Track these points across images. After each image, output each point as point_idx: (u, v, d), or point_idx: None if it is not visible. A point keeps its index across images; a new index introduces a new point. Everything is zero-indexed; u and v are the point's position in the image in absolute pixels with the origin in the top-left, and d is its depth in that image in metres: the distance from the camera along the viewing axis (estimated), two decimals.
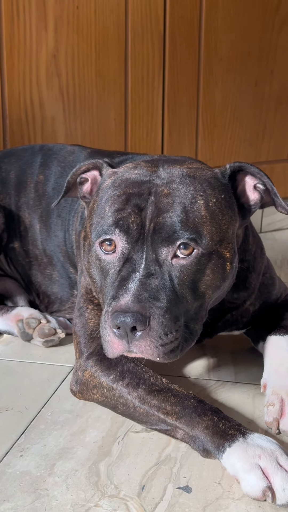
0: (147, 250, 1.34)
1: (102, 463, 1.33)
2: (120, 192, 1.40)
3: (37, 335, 1.82)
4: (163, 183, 1.39)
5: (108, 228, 1.37)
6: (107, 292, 1.36)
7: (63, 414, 1.50)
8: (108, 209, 1.39)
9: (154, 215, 1.35)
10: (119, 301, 1.29)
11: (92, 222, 1.45)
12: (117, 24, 2.51)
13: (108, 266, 1.38)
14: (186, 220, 1.34)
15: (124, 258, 1.35)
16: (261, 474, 1.19)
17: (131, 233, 1.34)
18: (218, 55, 2.77)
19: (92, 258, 1.44)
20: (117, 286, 1.32)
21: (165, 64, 2.66)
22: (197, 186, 1.40)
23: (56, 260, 1.91)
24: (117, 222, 1.36)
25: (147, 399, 1.39)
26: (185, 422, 1.33)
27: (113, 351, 1.32)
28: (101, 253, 1.39)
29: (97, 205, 1.45)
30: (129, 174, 1.44)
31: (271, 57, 2.91)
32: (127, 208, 1.36)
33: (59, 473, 1.30)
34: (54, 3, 2.39)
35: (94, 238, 1.41)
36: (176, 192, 1.37)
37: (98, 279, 1.43)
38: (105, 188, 1.46)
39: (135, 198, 1.37)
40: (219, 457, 1.27)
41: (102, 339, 1.35)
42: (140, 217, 1.35)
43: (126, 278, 1.32)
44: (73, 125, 2.53)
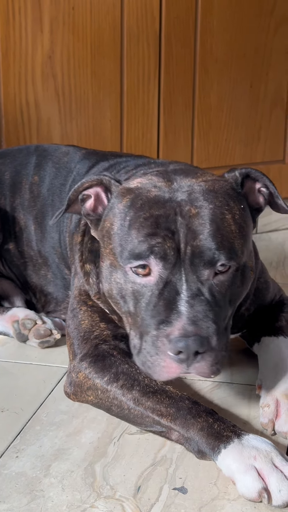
0: (186, 272, 1.33)
1: (97, 464, 1.33)
2: (146, 214, 1.36)
3: (33, 336, 1.82)
4: (186, 202, 1.37)
5: (143, 254, 1.33)
6: (144, 316, 1.34)
7: (58, 415, 1.50)
8: (136, 233, 1.35)
9: (189, 238, 1.33)
10: (174, 325, 1.28)
11: (114, 245, 1.40)
12: (112, 25, 2.52)
13: (144, 290, 1.35)
14: (221, 240, 1.34)
15: (163, 281, 1.33)
16: (257, 476, 1.19)
17: (168, 258, 1.32)
18: (213, 56, 2.78)
19: (118, 281, 1.40)
20: (163, 310, 1.30)
21: (161, 65, 2.66)
22: (221, 201, 1.39)
23: (51, 261, 1.91)
24: (151, 248, 1.33)
25: (142, 401, 1.39)
26: (180, 424, 1.33)
27: (168, 375, 1.31)
28: (135, 276, 1.36)
29: (116, 226, 1.40)
30: (148, 192, 1.40)
31: (266, 58, 2.92)
32: (159, 233, 1.33)
33: (54, 474, 1.30)
34: (49, 4, 2.39)
35: (123, 262, 1.37)
36: (204, 211, 1.36)
37: (127, 302, 1.39)
38: (124, 208, 1.41)
39: (163, 220, 1.34)
40: (214, 459, 1.27)
41: (148, 364, 1.32)
42: (174, 241, 1.33)
43: (172, 301, 1.31)
44: (68, 126, 2.53)
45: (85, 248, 1.62)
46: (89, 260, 1.60)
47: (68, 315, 1.64)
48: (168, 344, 1.27)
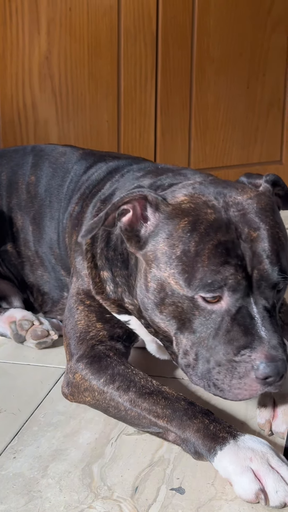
0: (255, 296, 1.34)
1: (95, 464, 1.33)
2: (215, 241, 1.33)
3: (30, 337, 1.82)
4: (244, 224, 1.36)
5: (216, 284, 1.32)
6: (215, 341, 1.34)
7: (56, 416, 1.50)
8: (207, 262, 1.32)
9: (255, 263, 1.34)
10: (258, 351, 1.29)
11: (176, 270, 1.36)
12: (109, 26, 2.52)
13: (213, 316, 1.34)
14: (281, 261, 1.37)
15: (235, 308, 1.33)
16: (253, 477, 1.19)
17: (241, 287, 1.33)
18: (210, 56, 2.78)
19: (180, 305, 1.37)
20: (241, 335, 1.31)
21: (158, 66, 2.67)
22: (272, 219, 1.40)
23: (47, 262, 1.91)
24: (226, 278, 1.32)
25: (138, 402, 1.39)
26: (176, 425, 1.33)
27: (248, 397, 1.32)
28: (205, 304, 1.35)
29: (179, 251, 1.36)
30: (206, 215, 1.37)
31: (263, 59, 2.92)
32: (231, 261, 1.32)
33: (52, 474, 1.30)
34: (46, 5, 2.39)
35: (192, 290, 1.34)
36: (262, 233, 1.36)
37: (186, 326, 1.38)
38: (185, 233, 1.36)
39: (231, 246, 1.33)
40: (210, 460, 1.27)
41: (223, 386, 1.32)
42: (243, 268, 1.33)
43: (248, 327, 1.31)
44: (66, 127, 2.53)
45: (101, 255, 1.58)
46: (106, 268, 1.57)
47: (65, 314, 1.64)
48: (257, 370, 1.28)
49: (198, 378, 1.36)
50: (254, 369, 1.28)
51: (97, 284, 1.59)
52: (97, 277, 1.59)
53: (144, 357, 1.75)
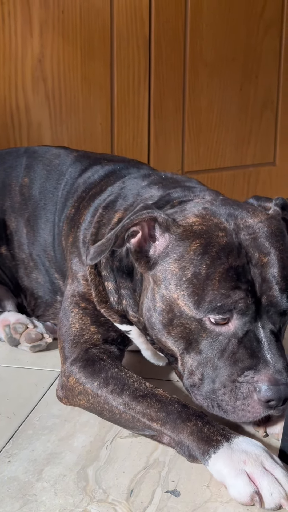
0: (263, 320, 1.35)
1: (90, 467, 1.33)
2: (226, 265, 1.34)
3: (24, 340, 1.82)
4: (254, 249, 1.37)
5: (226, 307, 1.33)
6: (220, 362, 1.34)
7: (51, 419, 1.50)
8: (218, 285, 1.33)
9: (264, 289, 1.35)
10: (262, 374, 1.30)
11: (186, 292, 1.36)
12: (102, 28, 2.52)
13: (220, 338, 1.35)
14: None
15: (242, 331, 1.34)
16: (248, 480, 1.19)
17: (251, 310, 1.34)
18: (203, 59, 2.79)
19: (187, 326, 1.38)
20: (247, 358, 1.32)
21: (151, 68, 2.67)
22: (282, 244, 1.41)
23: (40, 265, 1.90)
24: (235, 303, 1.33)
25: (132, 405, 1.39)
26: (170, 428, 1.33)
27: (250, 419, 1.33)
28: (213, 326, 1.35)
29: (190, 273, 1.36)
30: (217, 238, 1.37)
31: (256, 61, 2.93)
32: (241, 286, 1.33)
33: (47, 478, 1.30)
34: (39, 8, 2.39)
35: (201, 312, 1.34)
36: (272, 259, 1.37)
37: (192, 346, 1.38)
38: (196, 255, 1.36)
39: (241, 271, 1.34)
40: (205, 463, 1.27)
41: (227, 407, 1.33)
42: (253, 293, 1.34)
43: (254, 350, 1.33)
44: (59, 129, 2.53)
45: (106, 265, 1.57)
46: (111, 280, 1.57)
47: (60, 317, 1.64)
48: (259, 392, 1.30)
49: (203, 398, 1.37)
50: (257, 391, 1.30)
51: (101, 292, 1.58)
52: (100, 285, 1.58)
53: (139, 359, 1.75)
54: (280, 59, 3.01)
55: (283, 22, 2.98)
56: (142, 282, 1.49)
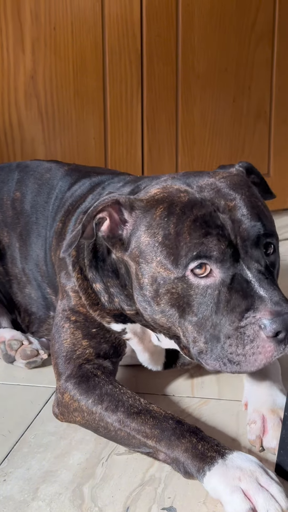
0: (245, 260, 1.34)
1: (86, 485, 1.32)
2: (192, 217, 1.36)
3: (20, 357, 1.82)
4: (219, 198, 1.39)
5: (202, 254, 1.33)
6: (218, 315, 1.33)
7: (46, 437, 1.50)
8: (189, 237, 1.34)
9: (236, 228, 1.35)
10: (262, 310, 1.28)
11: (162, 257, 1.37)
12: (94, 44, 2.53)
13: (209, 291, 1.34)
14: (263, 219, 1.39)
15: (228, 277, 1.34)
16: (243, 497, 1.18)
17: (227, 255, 1.33)
18: (195, 72, 2.80)
19: (174, 291, 1.37)
20: (242, 301, 1.31)
21: (143, 82, 2.68)
22: (248, 191, 1.43)
23: (33, 280, 1.90)
24: (210, 248, 1.33)
25: (127, 422, 1.38)
26: (165, 445, 1.32)
27: (266, 360, 1.30)
28: (198, 280, 1.35)
29: (160, 238, 1.38)
30: (179, 198, 1.39)
31: (248, 73, 2.94)
32: (212, 232, 1.34)
33: (42, 497, 1.29)
34: (31, 25, 2.40)
35: (181, 269, 1.35)
36: (239, 202, 1.39)
37: (186, 312, 1.37)
38: (163, 218, 1.39)
39: (209, 218, 1.35)
40: (200, 480, 1.26)
41: (238, 358, 1.31)
42: (225, 236, 1.34)
43: (247, 291, 1.31)
44: (52, 145, 2.53)
45: (90, 267, 1.59)
46: (98, 280, 1.57)
47: (52, 333, 1.64)
48: (265, 329, 1.27)
49: (214, 360, 1.35)
50: (262, 328, 1.27)
51: (90, 295, 1.59)
52: (89, 288, 1.59)
53: (134, 374, 1.75)
54: (272, 70, 3.03)
55: (274, 33, 2.99)
56: (128, 274, 1.49)
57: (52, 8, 2.42)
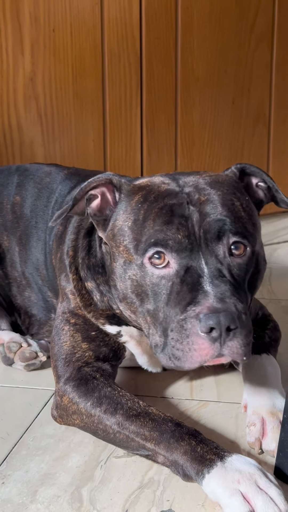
0: (205, 255, 1.33)
1: (84, 488, 1.32)
2: (161, 204, 1.38)
3: (19, 359, 1.82)
4: (195, 192, 1.40)
5: (159, 242, 1.34)
6: (167, 307, 1.33)
7: (45, 439, 1.49)
8: (152, 224, 1.36)
9: (201, 221, 1.35)
10: (202, 304, 1.26)
11: (128, 241, 1.41)
12: (93, 46, 2.53)
13: (163, 281, 1.35)
14: (233, 218, 1.37)
15: (182, 269, 1.33)
16: (242, 500, 1.18)
17: (185, 246, 1.33)
18: (195, 74, 2.80)
19: (134, 277, 1.39)
20: (188, 293, 1.29)
21: (143, 84, 2.68)
22: (228, 190, 1.43)
23: (34, 283, 1.90)
24: (167, 237, 1.34)
25: (126, 425, 1.38)
26: (164, 448, 1.32)
27: (201, 359, 1.27)
28: (153, 269, 1.35)
29: (131, 222, 1.41)
30: (158, 187, 1.43)
31: (247, 75, 2.94)
32: (174, 221, 1.35)
33: (41, 500, 1.29)
34: (30, 27, 2.40)
35: (140, 255, 1.37)
36: (213, 197, 1.39)
37: (144, 301, 1.39)
38: (137, 204, 1.42)
39: (177, 208, 1.36)
40: (199, 483, 1.26)
41: (177, 354, 1.29)
42: (188, 227, 1.34)
43: (196, 284, 1.30)
44: (52, 147, 2.53)
45: (82, 265, 1.60)
46: (89, 278, 1.59)
47: (52, 335, 1.64)
48: (199, 323, 1.25)
49: (163, 354, 1.34)
50: (198, 323, 1.25)
51: (84, 296, 1.59)
52: (83, 289, 1.60)
53: (132, 377, 1.75)
54: (272, 72, 3.03)
55: (273, 35, 2.99)
56: (111, 265, 1.50)
57: (51, 10, 2.42)
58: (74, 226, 1.69)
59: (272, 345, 1.72)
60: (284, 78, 3.04)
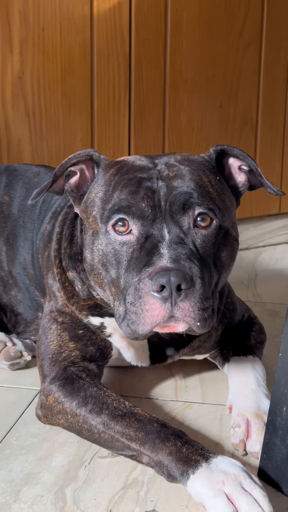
0: (168, 224, 1.35)
1: (68, 488, 1.32)
2: (131, 176, 1.41)
3: (3, 358, 1.81)
4: (165, 169, 1.42)
5: (122, 209, 1.36)
6: (126, 272, 1.35)
7: (29, 439, 1.49)
8: (119, 193, 1.39)
9: (168, 194, 1.37)
10: (156, 265, 1.28)
11: (96, 210, 1.43)
12: (82, 45, 2.53)
13: (125, 248, 1.37)
14: (200, 192, 1.38)
15: (143, 236, 1.35)
16: (226, 501, 1.18)
17: (147, 215, 1.35)
18: (183, 77, 2.80)
19: (100, 247, 1.42)
20: (145, 257, 1.31)
21: (131, 86, 2.68)
22: (198, 167, 1.45)
23: (21, 283, 1.89)
24: (131, 204, 1.36)
25: (111, 425, 1.38)
26: (149, 448, 1.32)
27: (153, 320, 1.27)
28: (116, 235, 1.38)
29: (101, 193, 1.44)
30: (133, 162, 1.46)
31: (235, 79, 2.95)
32: (141, 191, 1.37)
33: (24, 499, 1.28)
34: (19, 25, 2.39)
35: (104, 222, 1.40)
36: (181, 172, 1.41)
37: (109, 270, 1.40)
38: (110, 176, 1.45)
39: (146, 181, 1.39)
40: (184, 484, 1.26)
41: (132, 318, 1.31)
42: (153, 199, 1.36)
43: (154, 248, 1.32)
44: (39, 146, 2.53)
45: (64, 255, 1.62)
46: (70, 268, 1.60)
47: (39, 335, 1.63)
48: (151, 282, 1.26)
49: (123, 323, 1.35)
50: (150, 282, 1.26)
51: (67, 288, 1.60)
52: (66, 281, 1.60)
53: (118, 377, 1.75)
54: (260, 77, 3.04)
55: (262, 40, 3.00)
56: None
57: (40, 9, 2.42)
58: (60, 220, 1.70)
59: (258, 347, 1.72)
60: (272, 83, 3.05)
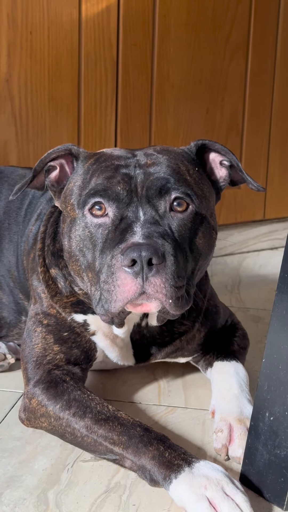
0: (144, 207, 1.36)
1: (51, 491, 1.32)
2: (108, 163, 1.43)
3: None
4: (144, 158, 1.44)
5: (98, 193, 1.38)
6: (102, 253, 1.36)
7: (11, 441, 1.49)
8: (95, 179, 1.41)
9: (144, 180, 1.39)
10: (128, 241, 1.29)
11: (74, 197, 1.45)
12: (70, 50, 2.53)
13: (100, 230, 1.38)
14: (177, 178, 1.40)
15: (118, 218, 1.36)
16: (208, 505, 1.18)
17: (122, 196, 1.37)
18: (170, 82, 2.81)
19: (77, 232, 1.43)
20: (119, 236, 1.32)
21: (118, 90, 2.69)
22: (176, 157, 1.47)
23: (5, 285, 1.89)
24: (107, 186, 1.38)
25: (94, 429, 1.38)
26: (132, 452, 1.32)
27: (125, 296, 1.28)
28: (92, 218, 1.39)
29: (79, 182, 1.46)
30: (111, 153, 1.48)
31: (222, 85, 2.96)
32: (117, 176, 1.39)
33: (6, 502, 1.28)
34: (7, 28, 2.39)
35: (81, 207, 1.42)
36: (159, 160, 1.44)
37: (86, 255, 1.41)
38: (89, 166, 1.47)
39: (123, 168, 1.41)
40: (166, 488, 1.26)
41: (105, 297, 1.32)
42: (130, 184, 1.38)
43: (128, 228, 1.33)
44: (25, 148, 2.53)
45: (47, 252, 1.62)
46: (53, 264, 1.60)
47: (24, 337, 1.63)
48: (122, 257, 1.28)
49: (99, 308, 1.37)
50: (121, 257, 1.28)
51: (50, 286, 1.60)
52: (50, 280, 1.61)
53: (102, 381, 1.75)
54: (246, 83, 3.05)
55: (249, 47, 3.02)
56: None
57: (29, 12, 2.42)
58: (44, 219, 1.71)
59: (241, 353, 1.73)
60: (258, 89, 3.07)
